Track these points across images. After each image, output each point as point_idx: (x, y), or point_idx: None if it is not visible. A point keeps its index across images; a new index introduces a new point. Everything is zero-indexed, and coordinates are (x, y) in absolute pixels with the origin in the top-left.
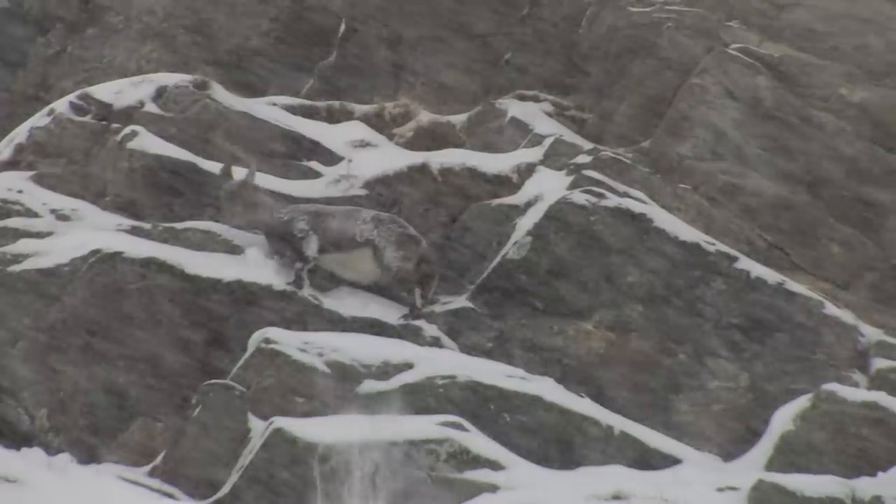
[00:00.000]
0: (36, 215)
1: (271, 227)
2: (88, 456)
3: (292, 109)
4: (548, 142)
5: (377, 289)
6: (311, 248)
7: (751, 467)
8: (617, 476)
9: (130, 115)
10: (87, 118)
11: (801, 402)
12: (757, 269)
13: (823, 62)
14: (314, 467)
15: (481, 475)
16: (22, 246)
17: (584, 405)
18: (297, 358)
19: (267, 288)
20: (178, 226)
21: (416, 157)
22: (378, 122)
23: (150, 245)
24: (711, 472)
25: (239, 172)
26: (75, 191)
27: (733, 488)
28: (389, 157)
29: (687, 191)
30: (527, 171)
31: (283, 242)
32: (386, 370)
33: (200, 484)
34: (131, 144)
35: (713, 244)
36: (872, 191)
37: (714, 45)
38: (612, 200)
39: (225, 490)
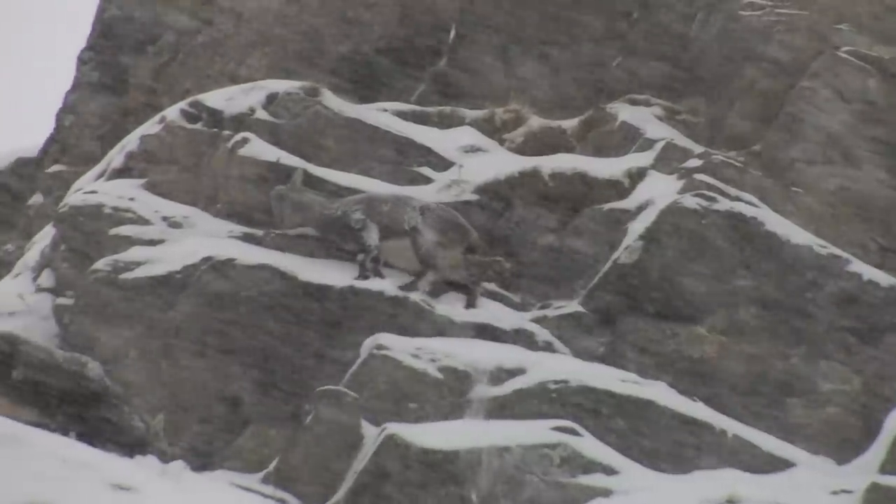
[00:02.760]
0: (148, 223)
1: (325, 223)
2: (202, 463)
3: (403, 115)
4: (659, 146)
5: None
6: (373, 236)
7: (865, 470)
8: (730, 480)
9: (241, 121)
10: (199, 125)
11: None
12: (869, 272)
13: None
14: (428, 473)
15: (595, 479)
16: (134, 253)
17: (697, 409)
18: (410, 364)
19: (379, 294)
20: (291, 232)
21: (527, 162)
22: (489, 128)
23: (262, 252)
24: (825, 475)
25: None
26: (187, 198)
27: (847, 491)
28: (500, 163)
29: (798, 194)
30: (638, 175)
31: (342, 237)
32: (499, 375)
33: (314, 490)
34: (242, 151)
35: (825, 247)
36: None
37: (825, 48)
38: (724, 204)
39: (338, 496)
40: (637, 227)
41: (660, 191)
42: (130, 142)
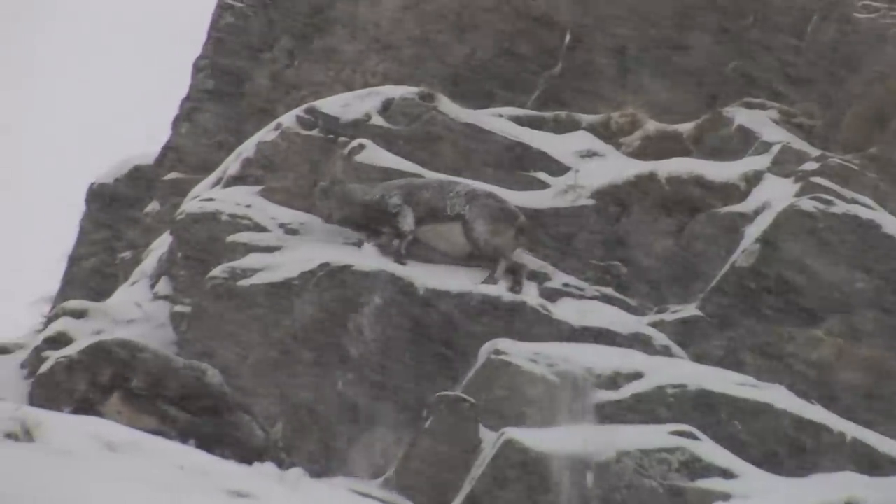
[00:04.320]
0: (264, 229)
1: (364, 208)
2: (320, 469)
3: (519, 120)
4: (775, 149)
5: (471, 260)
6: (408, 221)
7: None
8: (849, 482)
9: (357, 127)
10: (314, 132)
11: None
12: None
13: None
14: (546, 478)
15: (713, 483)
16: (251, 260)
17: (815, 412)
18: (528, 368)
19: (496, 299)
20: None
21: (644, 167)
22: (605, 132)
23: (379, 258)
24: None
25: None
26: (303, 204)
27: None
28: (616, 167)
29: None
30: (754, 178)
31: (378, 221)
32: (616, 380)
33: (432, 495)
34: (359, 157)
35: None
36: None
37: None
38: (841, 207)
39: (457, 502)
40: (754, 230)
41: (776, 194)
42: (246, 149)
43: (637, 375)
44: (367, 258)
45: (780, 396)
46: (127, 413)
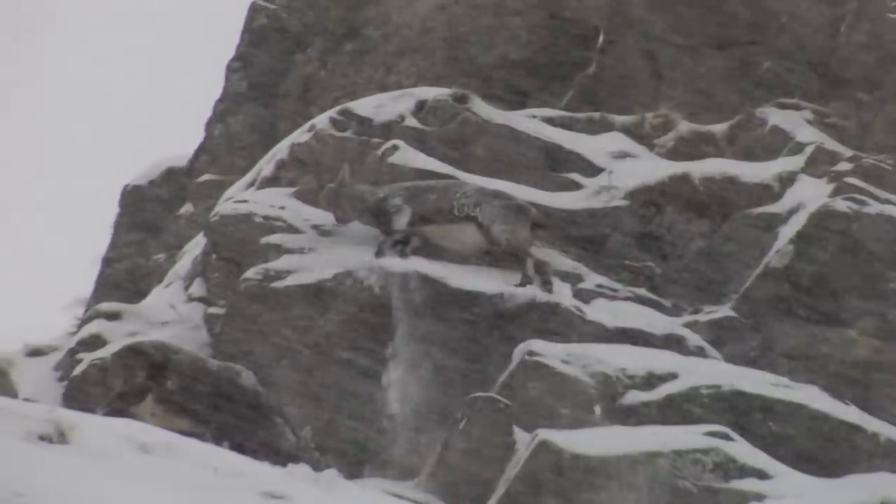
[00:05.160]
0: (298, 231)
1: (370, 207)
2: (355, 471)
3: (552, 121)
4: (808, 150)
5: (485, 259)
6: (400, 221)
7: None
8: (884, 484)
9: (391, 129)
10: (348, 133)
11: None
12: None
13: None
14: (580, 480)
15: (748, 484)
16: (285, 262)
17: (849, 413)
18: (562, 370)
19: (530, 300)
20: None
21: (677, 168)
22: (638, 133)
23: (413, 258)
24: None
25: None
26: None
27: None
28: (650, 168)
29: None
30: (788, 179)
31: (378, 220)
32: (650, 381)
33: (466, 497)
34: (392, 159)
35: None
36: None
37: None
38: (874, 207)
39: (492, 503)
40: (788, 231)
41: (810, 194)
42: (280, 150)
43: (671, 376)
44: (401, 259)
45: (814, 397)
46: (160, 415)
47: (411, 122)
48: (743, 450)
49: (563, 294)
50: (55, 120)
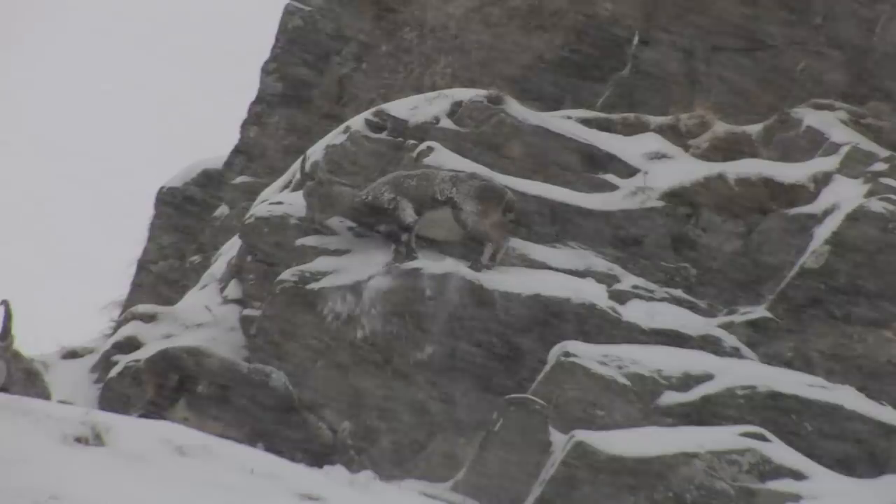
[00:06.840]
0: (333, 232)
1: (358, 210)
2: (390, 472)
3: (587, 122)
4: (844, 150)
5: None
6: (408, 213)
7: None
8: None
9: (426, 130)
10: (383, 135)
11: None
12: None
13: None
14: (616, 480)
15: (784, 485)
16: (320, 263)
17: (885, 413)
18: (597, 371)
19: (565, 301)
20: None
21: (713, 168)
22: (673, 134)
23: (448, 260)
24: None
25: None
26: None
27: None
28: (685, 168)
29: None
30: (823, 179)
31: (377, 220)
32: (686, 382)
33: (503, 498)
34: (427, 160)
35: None
36: None
37: None
38: None
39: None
40: (823, 231)
41: (845, 195)
42: (315, 152)
43: (707, 377)
44: (436, 260)
45: (850, 397)
46: (193, 419)
47: (446, 123)
48: (779, 450)
49: (598, 295)
50: (93, 122)
